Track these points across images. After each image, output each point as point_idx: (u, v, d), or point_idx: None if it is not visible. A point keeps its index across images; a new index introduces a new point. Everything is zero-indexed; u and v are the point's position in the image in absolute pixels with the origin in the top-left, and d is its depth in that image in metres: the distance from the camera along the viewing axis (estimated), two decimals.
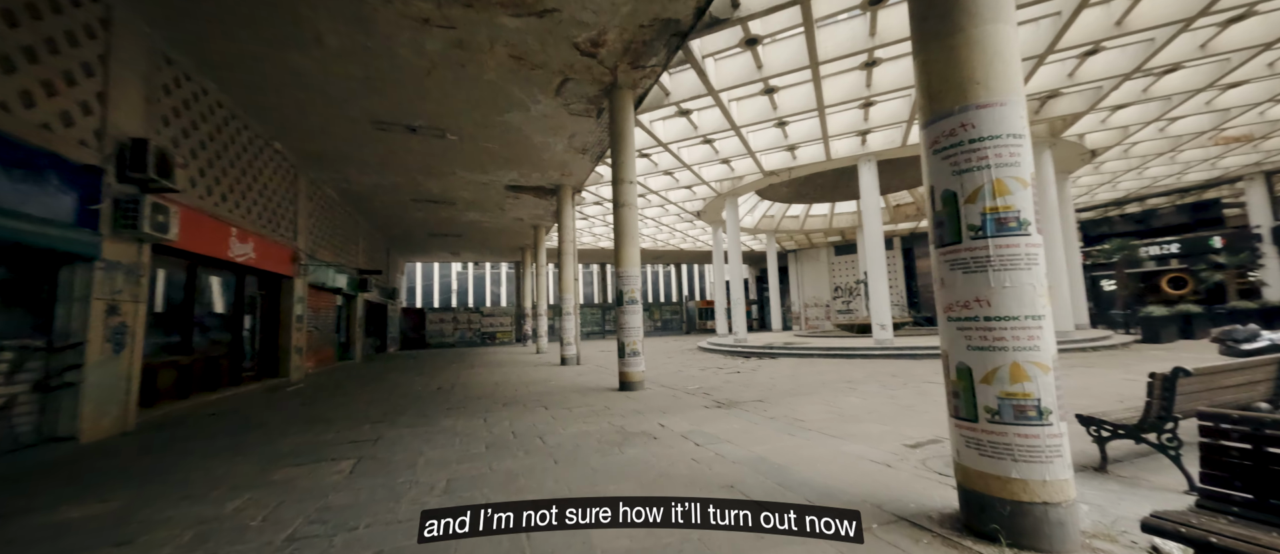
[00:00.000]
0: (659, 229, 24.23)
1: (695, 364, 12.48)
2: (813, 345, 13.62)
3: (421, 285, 35.52)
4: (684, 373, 10.52)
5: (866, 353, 12.19)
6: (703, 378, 9.49)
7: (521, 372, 11.93)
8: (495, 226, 20.25)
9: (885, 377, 8.57)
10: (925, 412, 5.37)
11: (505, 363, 14.92)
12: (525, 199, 15.88)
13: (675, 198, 17.82)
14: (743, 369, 10.83)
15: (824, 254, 31.44)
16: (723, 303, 22.14)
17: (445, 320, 28.53)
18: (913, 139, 12.27)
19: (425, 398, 7.94)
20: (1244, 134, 13.44)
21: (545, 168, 12.74)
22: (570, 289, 14.25)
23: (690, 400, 6.80)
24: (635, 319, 8.19)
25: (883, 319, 12.68)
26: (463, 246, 25.36)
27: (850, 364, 10.86)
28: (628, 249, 8.28)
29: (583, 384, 9.08)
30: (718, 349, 16.21)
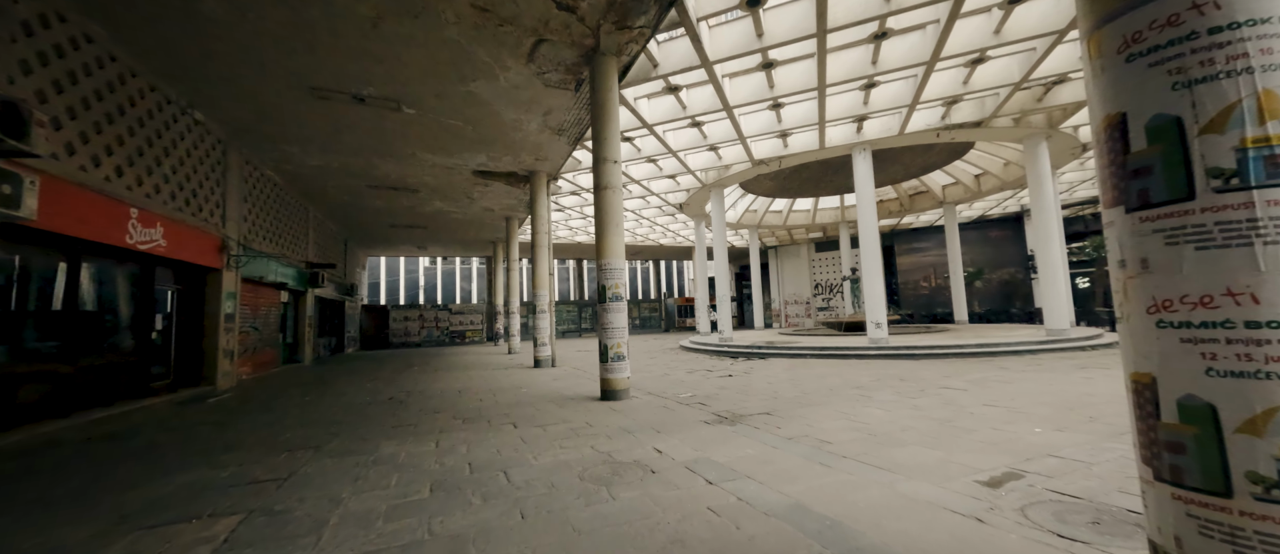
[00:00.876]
0: (638, 223, 23.21)
1: (681, 366, 11.53)
2: (804, 345, 12.88)
3: (386, 281, 33.50)
4: (671, 377, 9.55)
5: (862, 353, 11.49)
6: (693, 383, 8.53)
7: (490, 376, 10.72)
8: (464, 218, 18.83)
9: (893, 380, 7.79)
10: (970, 430, 4.52)
11: (473, 365, 13.63)
12: (496, 187, 14.59)
13: (658, 189, 16.83)
14: (734, 371, 9.93)
15: (804, 251, 31.09)
16: (704, 300, 21.34)
17: (410, 318, 26.79)
18: (912, 126, 11.61)
19: (372, 411, 6.69)
20: None
21: (517, 151, 11.53)
22: (544, 285, 13.08)
23: (686, 414, 5.81)
24: (619, 318, 7.15)
25: (878, 317, 12.02)
26: (429, 240, 23.75)
27: (849, 366, 10.10)
28: (611, 238, 7.23)
29: (559, 391, 7.98)
30: (702, 348, 15.34)
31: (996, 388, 6.73)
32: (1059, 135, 12.29)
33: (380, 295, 32.74)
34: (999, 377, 7.74)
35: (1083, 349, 11.08)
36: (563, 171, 13.91)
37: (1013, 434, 4.26)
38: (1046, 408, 5.30)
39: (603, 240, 7.26)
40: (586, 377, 9.92)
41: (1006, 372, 8.30)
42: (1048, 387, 6.67)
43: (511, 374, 11.07)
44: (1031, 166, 12.32)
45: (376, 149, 11.12)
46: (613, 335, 7.08)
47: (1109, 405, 5.28)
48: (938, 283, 26.05)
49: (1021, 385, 6.86)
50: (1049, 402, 5.63)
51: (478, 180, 13.87)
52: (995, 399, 5.92)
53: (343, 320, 21.22)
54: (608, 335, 7.09)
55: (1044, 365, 8.89)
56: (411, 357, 18.24)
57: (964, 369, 8.80)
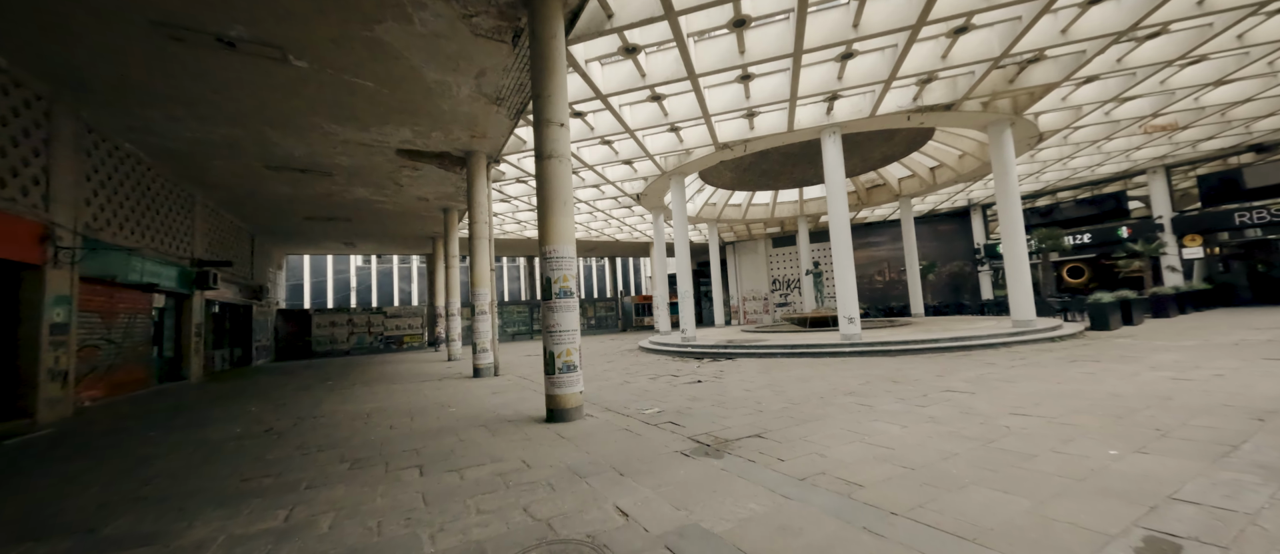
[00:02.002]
0: (593, 216, 21.74)
1: (642, 370, 10.24)
2: (772, 343, 11.95)
3: (310, 283, 30.07)
4: (632, 384, 8.23)
5: (836, 350, 10.67)
6: (659, 392, 7.24)
7: (417, 390, 8.97)
8: (394, 209, 16.63)
9: (884, 383, 6.86)
10: (1030, 456, 3.50)
11: (402, 377, 11.71)
12: (427, 171, 12.68)
13: (614, 176, 15.46)
14: (703, 375, 8.75)
15: (762, 246, 30.75)
16: (664, 297, 20.20)
17: (338, 324, 23.91)
18: (885, 107, 10.91)
19: (227, 452, 4.92)
20: (1170, 123, 13.74)
21: (447, 124, 9.80)
22: (485, 282, 11.39)
23: (655, 440, 4.50)
24: (569, 318, 5.73)
25: (850, 311, 11.27)
26: (357, 235, 21.14)
27: (826, 365, 9.18)
28: (557, 220, 5.80)
29: (495, 410, 6.46)
30: (664, 349, 14.15)
31: (1004, 389, 5.89)
32: (1022, 122, 12.05)
33: (303, 298, 29.29)
34: (995, 374, 6.97)
35: (1052, 340, 10.80)
36: (505, 154, 12.25)
37: (1088, 461, 3.25)
38: (1087, 415, 4.42)
39: (547, 223, 5.81)
40: (532, 388, 8.41)
41: (996, 367, 7.61)
42: (1059, 385, 5.90)
43: (444, 387, 9.35)
44: (996, 153, 12.00)
45: (267, 117, 9.04)
46: (561, 340, 5.66)
47: (1156, 410, 4.47)
48: (892, 277, 26.33)
49: (1027, 385, 6.06)
50: (1080, 406, 4.77)
51: (404, 162, 11.93)
52: (1017, 405, 5.02)
53: (249, 327, 18.34)
54: (555, 340, 5.66)
55: (1028, 358, 8.32)
56: (333, 368, 15.86)
57: (951, 366, 8.06)
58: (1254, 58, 9.73)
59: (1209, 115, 13.11)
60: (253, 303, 18.37)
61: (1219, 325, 11.74)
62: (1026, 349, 9.78)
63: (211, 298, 14.47)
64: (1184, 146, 16.18)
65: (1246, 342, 8.51)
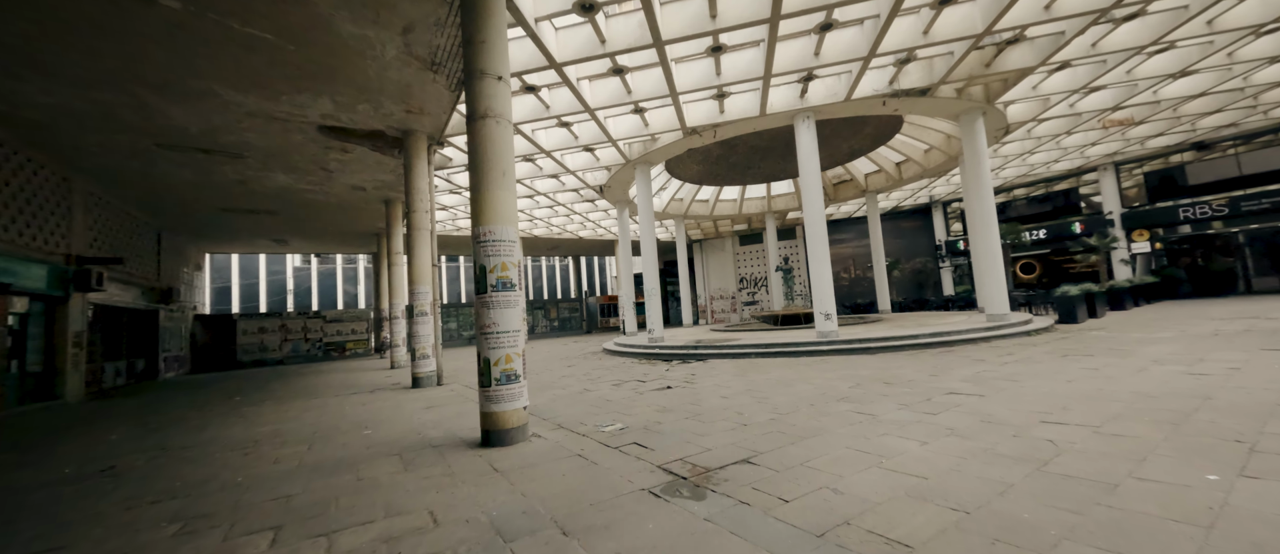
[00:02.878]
0: (553, 211, 20.47)
1: (606, 375, 9.17)
2: (745, 342, 11.15)
3: (240, 284, 27.22)
4: (594, 393, 7.15)
5: (814, 349, 9.96)
6: (624, 402, 6.21)
7: (338, 406, 7.55)
8: (327, 201, 14.85)
9: (874, 384, 6.09)
10: (1114, 485, 2.70)
11: (329, 389, 10.16)
12: (360, 154, 11.16)
13: (575, 165, 14.31)
14: (673, 380, 7.78)
15: (729, 244, 30.26)
16: (629, 297, 19.20)
17: (268, 330, 21.53)
18: (861, 90, 10.30)
19: (18, 511, 3.51)
20: (1126, 117, 13.94)
21: (375, 94, 8.42)
22: (426, 280, 10.03)
23: (618, 473, 3.46)
24: (510, 316, 4.61)
25: (827, 307, 10.60)
26: (289, 231, 19.02)
27: (806, 366, 8.41)
28: (495, 194, 4.67)
29: (423, 431, 5.24)
30: (630, 351, 13.12)
31: (1013, 390, 5.20)
32: (993, 112, 11.79)
33: (231, 302, 26.44)
34: (992, 373, 6.34)
35: (1028, 334, 10.50)
36: (450, 135, 10.90)
37: (1194, 493, 2.46)
38: (1132, 422, 3.71)
39: (482, 198, 4.67)
40: (475, 400, 7.19)
41: (987, 364, 7.01)
42: (1069, 385, 5.26)
43: (373, 401, 7.96)
44: (968, 142, 11.69)
45: (143, 78, 7.40)
46: (499, 343, 4.52)
47: (1208, 412, 3.81)
48: (857, 274, 26.35)
49: (1035, 385, 5.41)
50: (1116, 411, 4.08)
51: (330, 143, 10.39)
52: (1040, 409, 4.29)
53: (155, 335, 16.00)
54: (491, 343, 4.52)
55: (1016, 354, 7.81)
56: (254, 380, 13.93)
57: (939, 364, 7.42)
58: (1217, 47, 9.72)
59: (1163, 110, 13.34)
60: (160, 307, 16.04)
61: (1178, 317, 11.83)
62: (1007, 344, 9.36)
63: (98, 301, 12.33)
64: (1134, 143, 16.64)
65: (1222, 332, 8.33)
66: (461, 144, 12.00)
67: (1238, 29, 8.94)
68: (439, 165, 13.02)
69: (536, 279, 40.52)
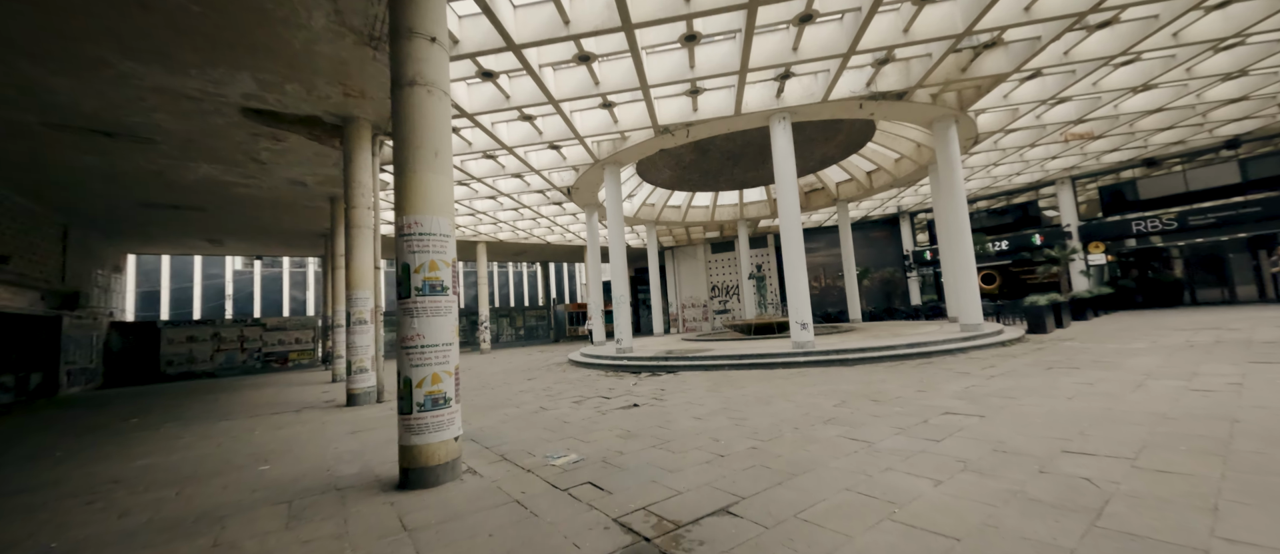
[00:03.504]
0: (519, 213, 19.48)
1: (569, 390, 8.33)
2: (718, 353, 10.53)
3: (171, 289, 24.82)
4: (551, 412, 6.31)
5: (790, 361, 9.41)
6: (582, 425, 5.41)
7: (248, 429, 6.42)
8: (263, 196, 13.48)
9: (861, 401, 5.53)
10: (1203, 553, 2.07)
11: (250, 408, 8.90)
12: (295, 144, 10.02)
13: (540, 163, 13.46)
14: (641, 396, 7.03)
15: (701, 252, 29.89)
16: (598, 304, 18.37)
17: (199, 338, 19.55)
18: (838, 91, 9.94)
19: None
20: (1086, 132, 14.24)
21: (307, 72, 7.41)
22: (366, 284, 8.98)
23: (566, 530, 2.68)
24: (439, 327, 3.77)
25: (803, 317, 10.11)
26: (223, 231, 17.33)
27: (783, 379, 7.82)
28: (425, 177, 3.86)
29: (334, 466, 4.29)
30: (596, 362, 12.30)
31: (1012, 410, 4.71)
32: (965, 120, 11.70)
33: (159, 308, 24.03)
34: (982, 388, 5.88)
35: (1003, 344, 10.30)
36: None
37: None
38: (1171, 453, 3.20)
39: (408, 182, 3.85)
40: None
41: (973, 377, 6.59)
42: (1070, 403, 4.81)
43: (294, 424, 6.86)
44: (942, 150, 11.54)
45: (12, 40, 6.18)
46: (424, 359, 3.67)
47: (1249, 440, 3.34)
48: (827, 283, 26.37)
49: (1033, 403, 4.95)
50: (1144, 438, 3.59)
51: (259, 128, 9.22)
52: (1056, 434, 3.77)
53: (57, 345, 14.08)
54: (414, 359, 3.67)
55: (999, 367, 7.45)
56: (170, 396, 12.34)
57: (923, 377, 6.96)
58: (1179, 60, 9.85)
59: (1120, 125, 13.67)
60: (63, 314, 14.15)
61: (1140, 328, 11.96)
62: (985, 355, 9.07)
63: None
64: (1090, 158, 17.13)
65: (1196, 344, 8.25)
66: None
67: (1200, 42, 9.04)
68: (389, 160, 11.93)
69: (502, 285, 39.08)
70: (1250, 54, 10.01)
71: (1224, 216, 16.14)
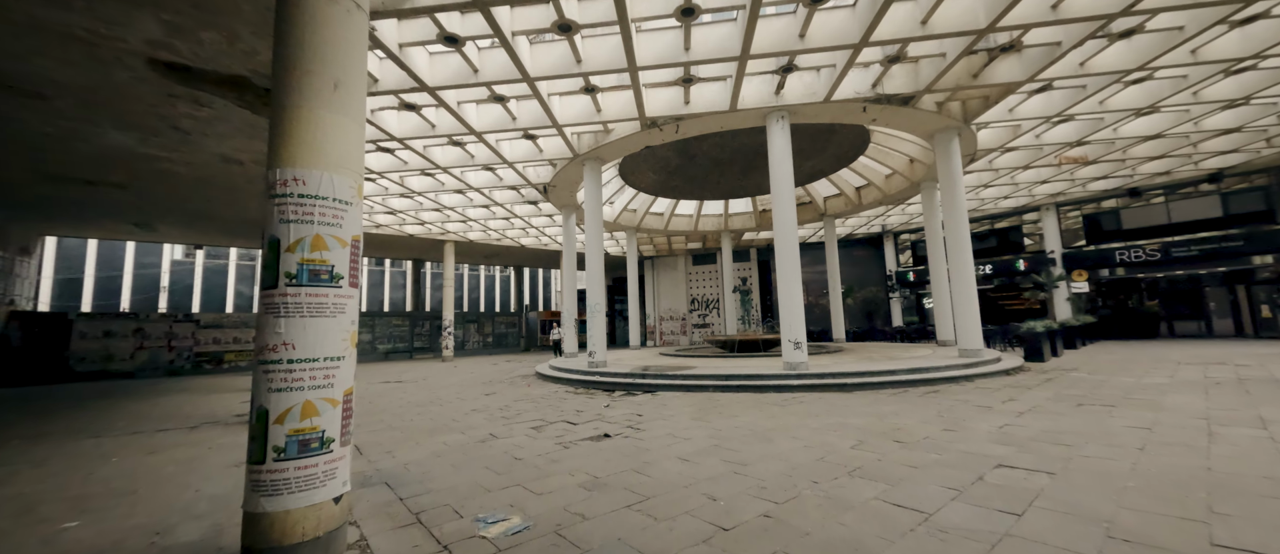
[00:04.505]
0: (491, 212, 18.15)
1: (528, 410, 7.09)
2: (701, 372, 9.45)
3: (96, 277, 22.34)
4: (501, 442, 5.08)
5: (782, 384, 8.41)
6: (539, 468, 4.21)
7: (104, 456, 4.97)
8: (191, 174, 11.87)
9: (883, 443, 4.52)
10: None
11: (134, 420, 7.33)
12: (221, 110, 8.62)
13: (513, 155, 12.25)
14: (614, 423, 5.87)
15: (682, 263, 28.97)
16: (572, 312, 17.14)
17: (118, 334, 17.36)
18: (843, 91, 9.15)
19: None
20: (1080, 155, 13.95)
21: (226, 15, 6.11)
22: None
23: None
24: (323, 333, 2.56)
25: (796, 335, 9.14)
26: (150, 212, 15.43)
27: (779, 407, 6.78)
28: (317, 116, 2.69)
29: (173, 524, 3.00)
30: (566, 377, 11.05)
31: (1093, 469, 3.76)
32: (967, 133, 11.12)
33: (81, 297, 21.55)
34: (1026, 431, 4.95)
35: (1007, 372, 9.56)
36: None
37: None
38: None
39: (288, 120, 2.66)
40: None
41: (998, 414, 5.69)
42: (1156, 458, 3.91)
43: (177, 446, 5.42)
44: (944, 164, 10.90)
45: None
46: (295, 381, 2.46)
47: None
48: (809, 300, 25.74)
49: (1108, 456, 4.03)
50: None
51: (175, 88, 7.79)
52: (1185, 510, 2.80)
53: None
54: (276, 382, 2.44)
55: (1021, 400, 6.60)
56: (55, 400, 10.47)
57: (944, 411, 6.02)
58: (1190, 81, 9.46)
59: (1114, 151, 13.41)
60: None
61: (1138, 358, 11.47)
62: (994, 384, 8.27)
63: None
64: (1077, 185, 17.00)
65: (1218, 380, 7.61)
66: (384, 111, 9.59)
67: (1216, 62, 8.62)
68: None
69: (473, 289, 37.28)
70: (1257, 81, 9.71)
71: (1206, 249, 16.12)
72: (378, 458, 4.75)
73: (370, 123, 9.74)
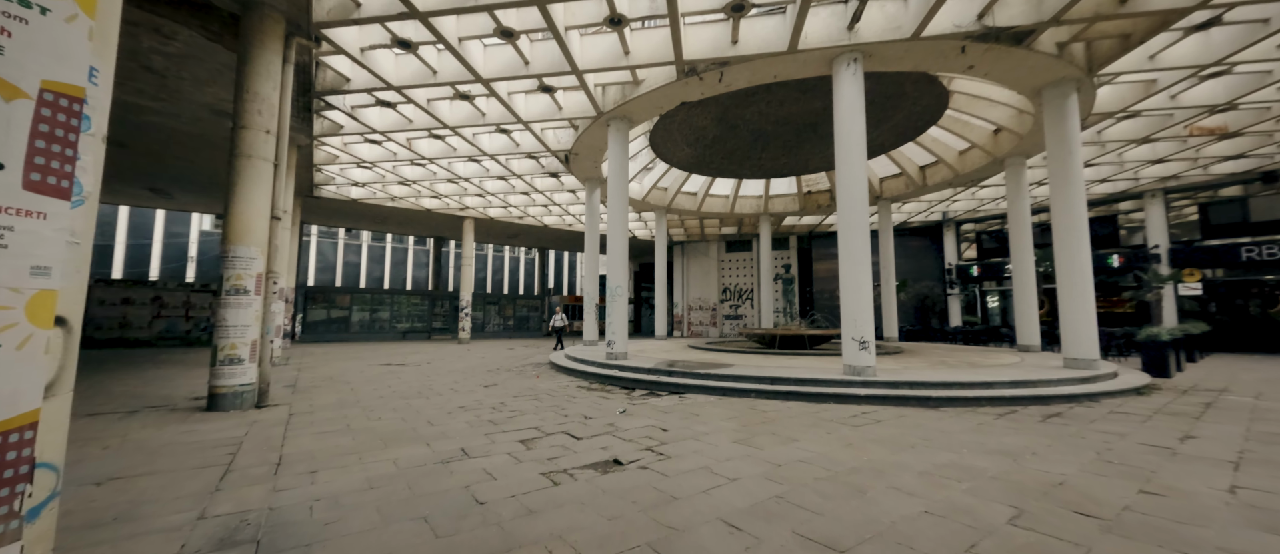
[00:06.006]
0: (509, 185, 16.81)
1: (524, 412, 5.64)
2: (738, 372, 7.79)
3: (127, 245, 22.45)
4: (470, 466, 3.62)
5: (844, 393, 6.65)
6: (501, 503, 2.71)
7: None
8: (182, 128, 10.96)
9: (1055, 510, 2.78)
10: None
11: (107, 397, 6.25)
12: (195, 48, 7.45)
13: (530, 112, 10.75)
14: (629, 439, 4.33)
15: (714, 250, 27.09)
16: (593, 296, 15.71)
17: (136, 302, 17.05)
18: (937, 25, 7.14)
19: None
20: (1219, 126, 11.33)
21: None
22: (251, 239, 6.40)
23: None
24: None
25: (862, 332, 7.33)
26: (159, 176, 14.81)
27: (847, 426, 5.07)
28: None
29: None
30: (580, 368, 9.60)
31: None
32: (1087, 88, 8.85)
33: (112, 265, 21.69)
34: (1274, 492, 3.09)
35: (1139, 392, 7.47)
36: (331, 21, 7.18)
37: None
38: None
39: None
40: (276, 447, 3.56)
41: (1189, 458, 3.81)
42: None
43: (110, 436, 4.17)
44: (1055, 127, 8.71)
45: None
46: None
47: None
48: None
49: None
50: None
51: (137, 14, 6.59)
52: None
53: None
54: None
55: (1208, 433, 4.65)
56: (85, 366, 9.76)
57: (1103, 450, 4.18)
58: None
59: (1265, 120, 10.73)
60: None
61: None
62: (1131, 406, 6.26)
63: None
64: (1197, 166, 14.17)
65: None
66: (358, 45, 8.18)
67: None
68: (328, 88, 9.28)
69: (496, 271, 36.51)
70: None
71: None
72: (290, 482, 3.36)
73: (362, 65, 8.37)
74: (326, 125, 11.50)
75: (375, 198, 17.80)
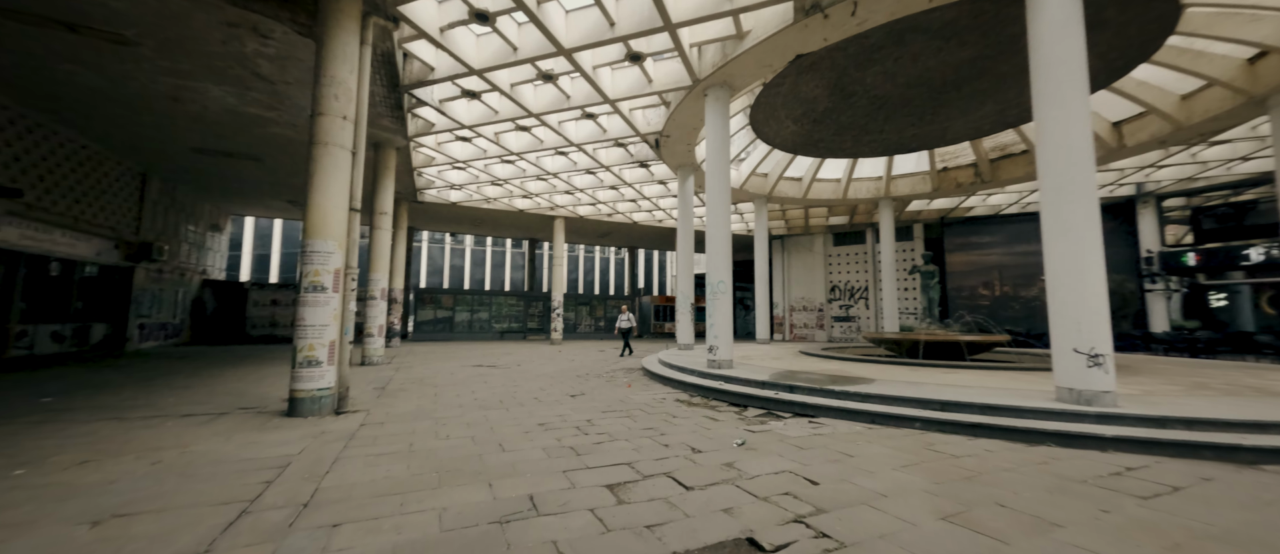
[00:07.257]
0: (598, 179, 16.06)
1: (616, 435, 4.43)
2: (888, 391, 5.87)
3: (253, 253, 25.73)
4: (532, 529, 2.42)
5: (1071, 430, 4.50)
6: None
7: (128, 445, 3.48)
8: (301, 137, 11.52)
9: None
10: None
11: (220, 394, 6.37)
12: (284, 42, 7.38)
13: (615, 90, 9.68)
14: (759, 495, 2.88)
15: (819, 243, 24.31)
16: (688, 296, 14.31)
17: (281, 303, 19.27)
18: None
19: None
20: None
21: None
22: (330, 233, 5.97)
23: None
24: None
25: (1090, 339, 5.05)
26: (294, 189, 16.31)
27: (1137, 502, 3.11)
28: None
29: None
30: (679, 377, 8.25)
31: None
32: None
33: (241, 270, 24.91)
34: None
35: None
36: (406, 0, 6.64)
37: None
38: None
39: None
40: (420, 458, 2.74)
41: None
42: None
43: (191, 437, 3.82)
44: None
45: None
46: None
47: None
48: (1004, 291, 19.37)
49: None
50: None
51: (224, 6, 6.61)
52: None
53: (127, 297, 13.65)
54: None
55: None
56: (206, 361, 10.85)
57: None
58: None
59: None
60: (134, 264, 13.70)
61: None
62: None
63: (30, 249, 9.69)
64: None
65: None
66: (447, 17, 7.64)
67: None
68: (415, 80, 8.98)
69: (588, 271, 36.73)
70: None
71: None
72: (301, 543, 2.43)
73: (442, 48, 7.85)
74: (420, 124, 11.52)
75: (471, 200, 18.19)
